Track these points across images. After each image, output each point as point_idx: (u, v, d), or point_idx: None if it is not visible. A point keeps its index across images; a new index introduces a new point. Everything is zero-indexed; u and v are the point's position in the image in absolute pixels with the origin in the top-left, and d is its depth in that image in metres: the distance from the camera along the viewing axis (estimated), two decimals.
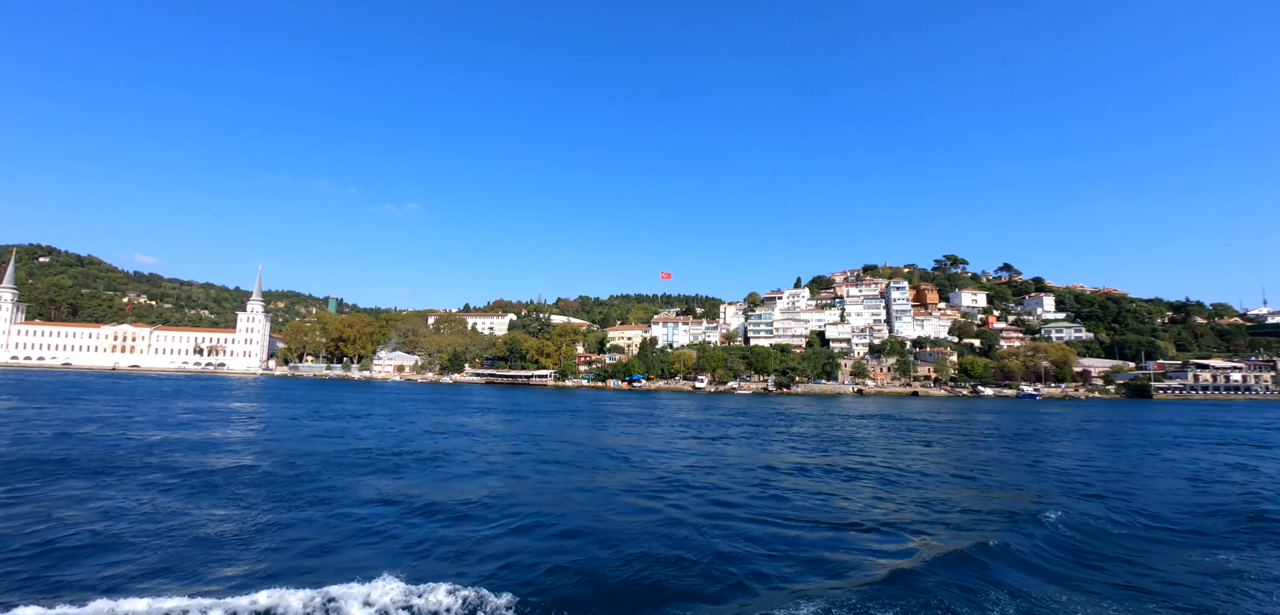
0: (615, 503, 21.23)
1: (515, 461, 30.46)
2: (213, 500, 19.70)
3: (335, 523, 17.54)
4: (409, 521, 17.92)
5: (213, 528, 16.53)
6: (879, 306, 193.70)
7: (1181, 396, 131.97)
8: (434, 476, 25.69)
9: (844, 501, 22.38)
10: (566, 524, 17.96)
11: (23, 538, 15.13)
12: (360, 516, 18.35)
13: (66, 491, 20.24)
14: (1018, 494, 24.55)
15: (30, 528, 15.98)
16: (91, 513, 17.63)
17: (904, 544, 16.82)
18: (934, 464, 32.72)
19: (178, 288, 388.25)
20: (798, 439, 44.12)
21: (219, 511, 18.17)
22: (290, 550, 14.98)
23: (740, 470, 29.12)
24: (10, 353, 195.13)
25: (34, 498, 19.13)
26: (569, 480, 25.78)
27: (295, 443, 34.11)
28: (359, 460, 28.89)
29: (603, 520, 18.46)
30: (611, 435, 44.62)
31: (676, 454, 34.68)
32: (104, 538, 15.37)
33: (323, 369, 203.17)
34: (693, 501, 21.56)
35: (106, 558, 14.03)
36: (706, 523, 18.36)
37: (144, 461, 26.27)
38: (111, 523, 16.65)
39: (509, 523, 17.97)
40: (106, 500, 19.05)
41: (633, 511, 19.88)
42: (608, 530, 17.31)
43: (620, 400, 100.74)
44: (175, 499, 19.64)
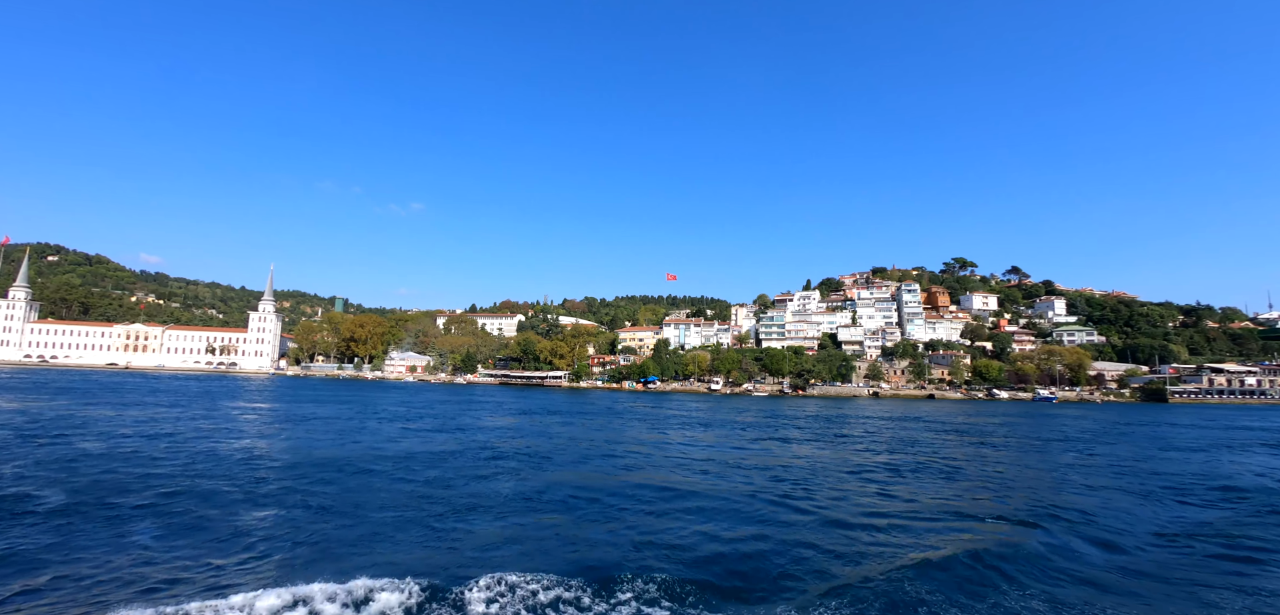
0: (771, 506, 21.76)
1: (659, 463, 31.00)
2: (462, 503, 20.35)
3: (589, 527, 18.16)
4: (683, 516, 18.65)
5: (490, 531, 17.20)
6: (890, 309, 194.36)
7: (1197, 401, 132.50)
8: (596, 469, 26.51)
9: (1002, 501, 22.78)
10: (742, 526, 18.53)
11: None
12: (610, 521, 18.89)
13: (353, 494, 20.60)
14: (1141, 498, 24.81)
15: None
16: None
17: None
18: (1032, 470, 33.14)
19: (184, 287, 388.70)
20: (868, 440, 44.67)
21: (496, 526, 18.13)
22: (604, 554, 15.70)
23: (847, 473, 29.65)
24: (24, 351, 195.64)
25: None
26: (707, 479, 26.32)
27: (405, 447, 34.42)
28: (483, 464, 29.25)
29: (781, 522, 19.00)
30: (681, 435, 45.12)
31: (774, 456, 35.19)
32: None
33: (334, 369, 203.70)
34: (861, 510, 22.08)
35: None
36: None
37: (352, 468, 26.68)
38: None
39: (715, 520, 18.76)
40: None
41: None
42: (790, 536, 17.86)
43: (643, 402, 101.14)
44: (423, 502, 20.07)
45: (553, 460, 30.80)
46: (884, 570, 14.45)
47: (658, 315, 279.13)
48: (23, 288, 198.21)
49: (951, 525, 19.44)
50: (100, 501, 19.01)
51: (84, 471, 23.81)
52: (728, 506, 21.09)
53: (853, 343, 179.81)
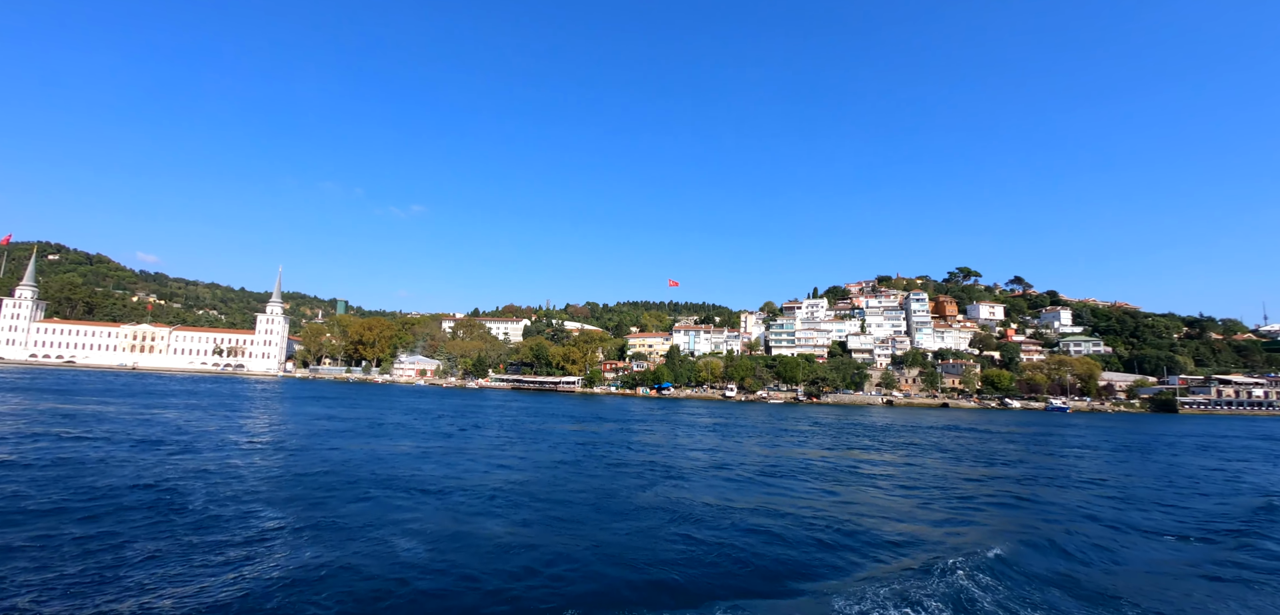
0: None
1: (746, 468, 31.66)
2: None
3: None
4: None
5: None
6: (899, 318, 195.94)
7: (1207, 412, 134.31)
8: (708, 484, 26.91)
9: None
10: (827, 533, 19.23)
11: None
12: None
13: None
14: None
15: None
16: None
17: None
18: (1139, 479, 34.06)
19: (183, 287, 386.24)
20: (936, 450, 45.52)
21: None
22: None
23: (967, 478, 30.41)
24: (30, 350, 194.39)
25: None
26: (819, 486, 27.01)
27: (513, 467, 34.90)
28: (631, 478, 29.74)
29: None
30: (739, 444, 45.82)
31: (865, 460, 35.94)
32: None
33: (342, 372, 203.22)
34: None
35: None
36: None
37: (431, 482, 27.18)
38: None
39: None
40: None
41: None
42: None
43: (665, 409, 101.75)
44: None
45: (689, 478, 29.63)
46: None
47: (664, 322, 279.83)
48: (30, 286, 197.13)
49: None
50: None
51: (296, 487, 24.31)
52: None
53: (862, 351, 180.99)
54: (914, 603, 12.84)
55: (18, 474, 22.65)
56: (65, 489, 20.57)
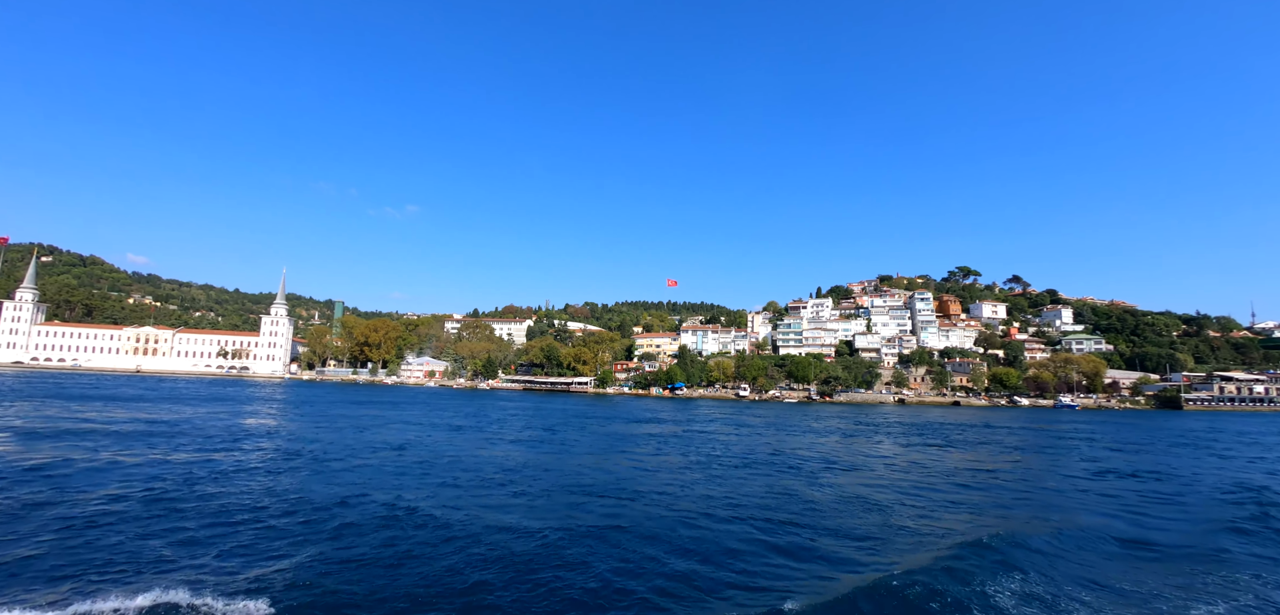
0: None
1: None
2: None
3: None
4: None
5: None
6: (904, 317, 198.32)
7: (1211, 408, 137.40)
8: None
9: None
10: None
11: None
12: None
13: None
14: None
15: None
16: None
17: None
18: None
19: (177, 289, 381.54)
20: (976, 443, 46.72)
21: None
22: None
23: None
24: (31, 353, 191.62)
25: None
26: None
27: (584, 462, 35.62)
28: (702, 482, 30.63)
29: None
30: (813, 442, 46.81)
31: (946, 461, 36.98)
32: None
33: (349, 374, 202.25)
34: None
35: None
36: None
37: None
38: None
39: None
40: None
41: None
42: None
43: (685, 408, 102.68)
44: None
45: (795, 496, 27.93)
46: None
47: (667, 323, 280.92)
48: (30, 289, 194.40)
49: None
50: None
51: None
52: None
53: (869, 350, 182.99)
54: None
55: (221, 489, 23.12)
56: (269, 496, 21.12)
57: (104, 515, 17.75)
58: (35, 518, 17.31)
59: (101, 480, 22.31)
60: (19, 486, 20.80)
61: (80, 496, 19.94)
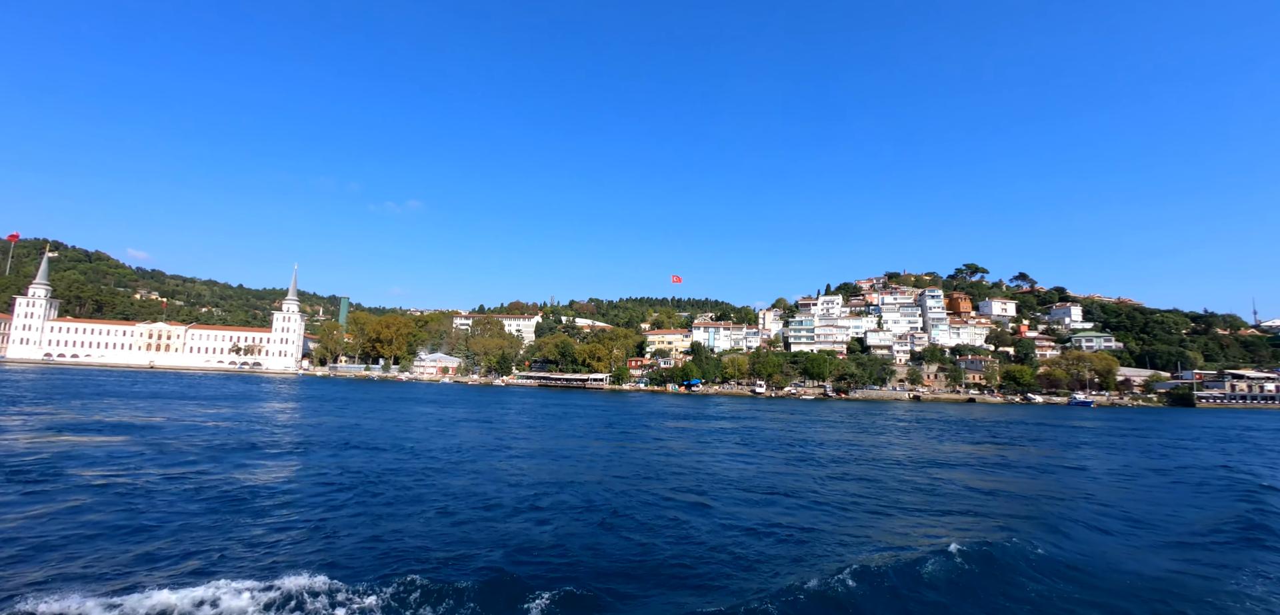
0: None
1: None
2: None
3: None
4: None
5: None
6: (915, 314, 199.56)
7: (1223, 405, 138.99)
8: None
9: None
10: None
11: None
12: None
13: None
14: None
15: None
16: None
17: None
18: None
19: (181, 284, 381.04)
20: (1024, 439, 47.74)
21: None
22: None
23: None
24: (45, 349, 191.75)
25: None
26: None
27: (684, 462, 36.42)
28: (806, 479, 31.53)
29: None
30: (891, 442, 47.76)
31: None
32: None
33: (361, 370, 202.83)
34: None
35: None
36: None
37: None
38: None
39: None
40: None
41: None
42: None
43: (707, 405, 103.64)
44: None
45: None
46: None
47: (675, 319, 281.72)
48: (42, 285, 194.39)
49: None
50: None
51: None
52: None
53: (881, 347, 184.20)
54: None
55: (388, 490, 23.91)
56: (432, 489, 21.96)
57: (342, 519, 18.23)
58: (237, 514, 18.00)
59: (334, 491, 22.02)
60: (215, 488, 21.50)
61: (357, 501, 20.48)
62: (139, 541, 15.11)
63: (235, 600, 11.30)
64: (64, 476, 21.76)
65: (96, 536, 15.32)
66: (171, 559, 13.97)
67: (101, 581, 12.35)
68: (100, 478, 21.87)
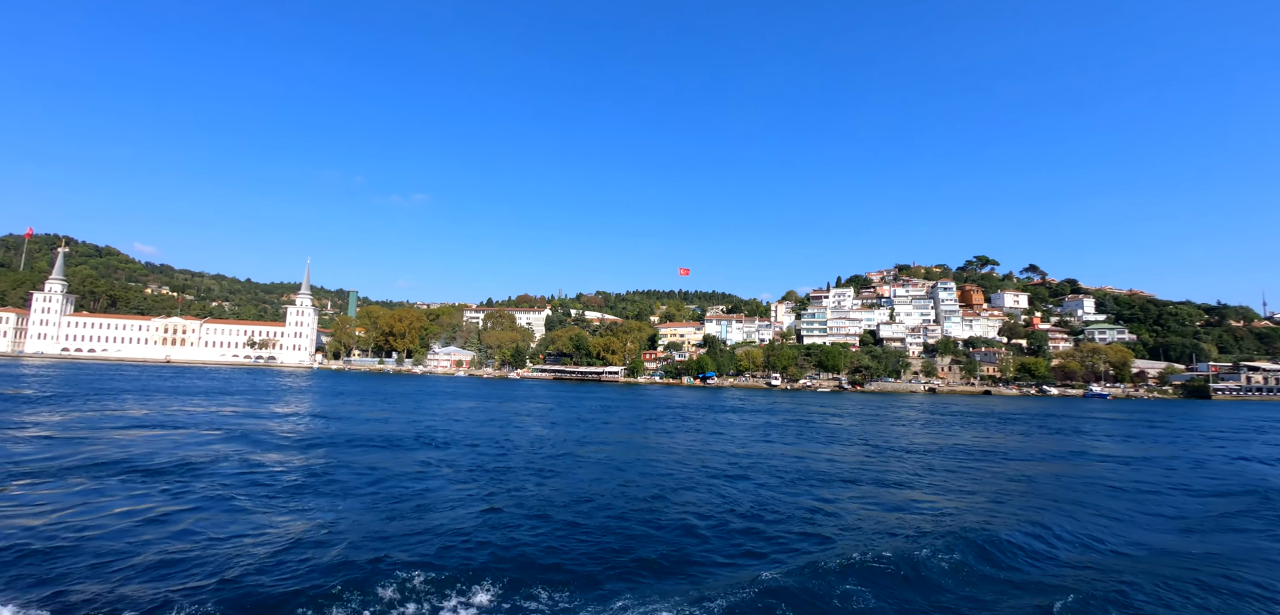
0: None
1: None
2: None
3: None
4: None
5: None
6: (927, 306, 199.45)
7: (1239, 397, 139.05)
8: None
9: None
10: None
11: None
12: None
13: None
14: None
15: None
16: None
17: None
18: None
19: (190, 278, 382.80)
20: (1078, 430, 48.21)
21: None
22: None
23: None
24: (62, 344, 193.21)
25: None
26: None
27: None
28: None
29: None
30: (956, 431, 48.27)
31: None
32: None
33: (375, 363, 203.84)
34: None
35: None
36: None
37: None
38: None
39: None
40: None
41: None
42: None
43: (729, 398, 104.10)
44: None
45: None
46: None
47: (683, 312, 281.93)
48: (59, 281, 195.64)
49: None
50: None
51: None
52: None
53: (894, 339, 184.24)
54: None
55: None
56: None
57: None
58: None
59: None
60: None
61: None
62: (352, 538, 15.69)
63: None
64: (202, 475, 22.36)
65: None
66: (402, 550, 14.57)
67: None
68: (295, 477, 22.57)
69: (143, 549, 14.06)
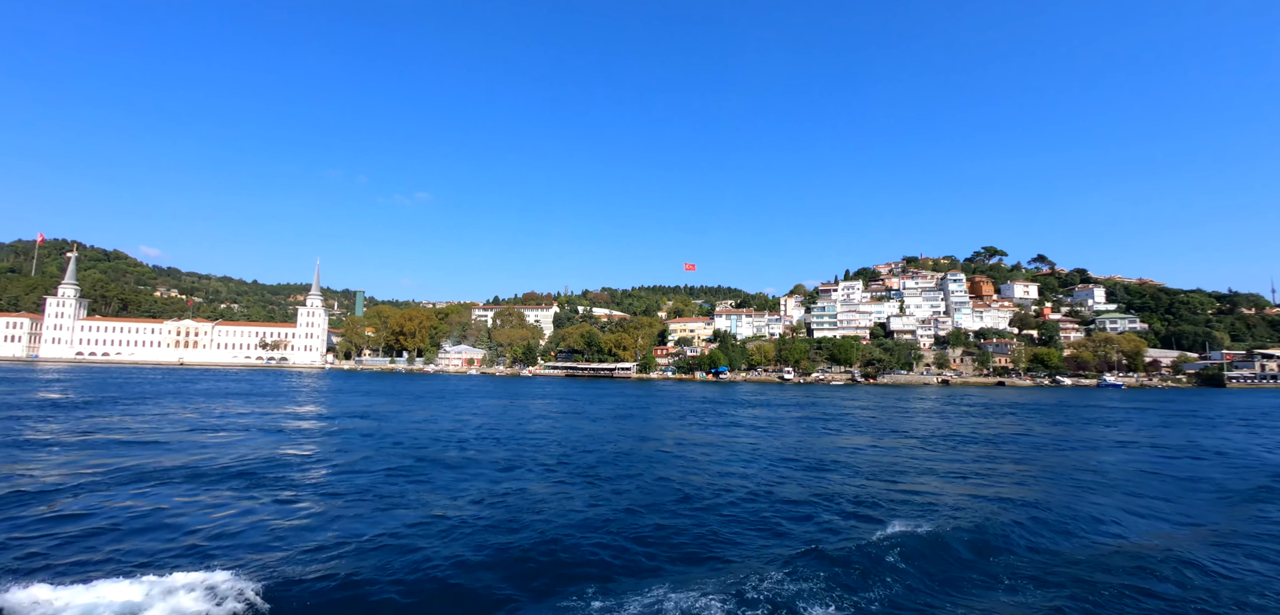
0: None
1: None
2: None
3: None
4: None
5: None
6: (937, 298, 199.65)
7: (1254, 385, 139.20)
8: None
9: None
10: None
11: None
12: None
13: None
14: None
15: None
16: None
17: None
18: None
19: (198, 281, 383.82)
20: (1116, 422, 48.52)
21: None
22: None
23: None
24: (76, 349, 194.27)
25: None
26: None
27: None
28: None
29: None
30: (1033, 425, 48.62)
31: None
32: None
33: (386, 363, 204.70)
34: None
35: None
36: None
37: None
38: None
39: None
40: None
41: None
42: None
43: (740, 392, 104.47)
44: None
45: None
46: None
47: (690, 307, 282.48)
48: (71, 285, 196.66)
49: None
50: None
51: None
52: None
53: (904, 332, 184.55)
54: None
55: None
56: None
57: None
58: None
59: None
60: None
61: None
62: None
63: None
64: (287, 477, 22.84)
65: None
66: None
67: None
68: (402, 481, 22.78)
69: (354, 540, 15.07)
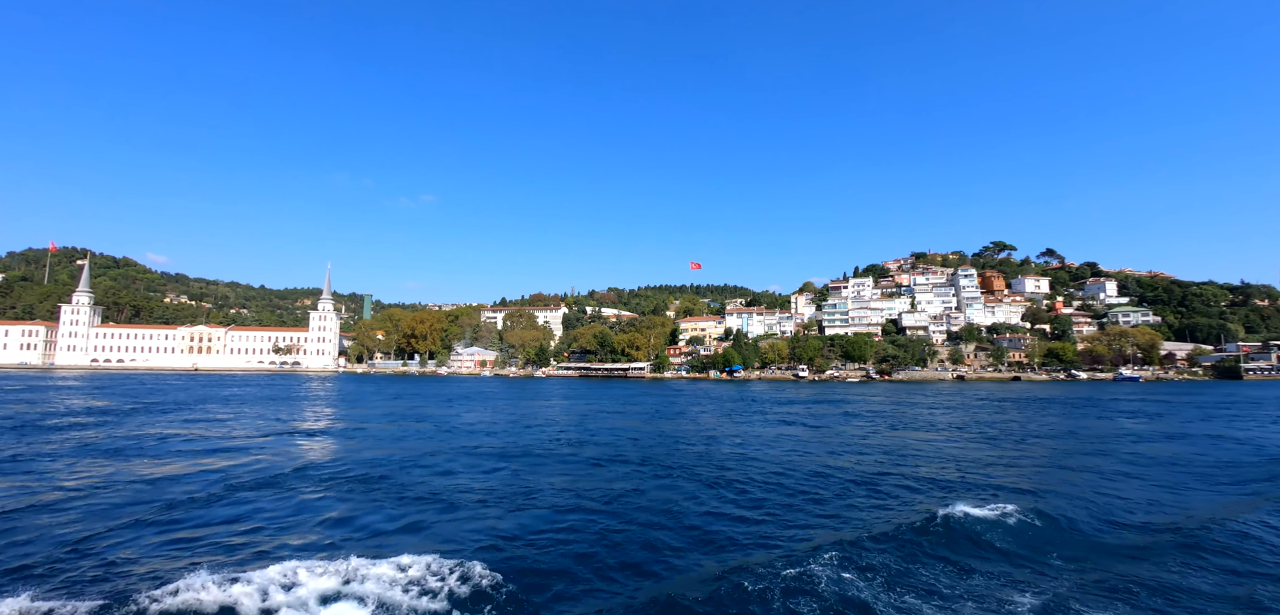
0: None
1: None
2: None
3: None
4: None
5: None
6: (948, 294, 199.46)
7: (1272, 377, 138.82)
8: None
9: None
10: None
11: None
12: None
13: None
14: None
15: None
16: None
17: None
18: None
19: (206, 287, 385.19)
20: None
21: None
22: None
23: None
24: (91, 356, 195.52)
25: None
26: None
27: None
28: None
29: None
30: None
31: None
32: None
33: (398, 366, 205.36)
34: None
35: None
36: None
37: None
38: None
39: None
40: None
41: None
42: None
43: (759, 390, 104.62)
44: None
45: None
46: None
47: (698, 306, 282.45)
48: (86, 293, 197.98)
49: None
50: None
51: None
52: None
53: (917, 328, 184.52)
54: None
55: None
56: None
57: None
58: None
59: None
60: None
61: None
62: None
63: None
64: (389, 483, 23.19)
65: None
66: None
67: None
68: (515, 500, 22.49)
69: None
